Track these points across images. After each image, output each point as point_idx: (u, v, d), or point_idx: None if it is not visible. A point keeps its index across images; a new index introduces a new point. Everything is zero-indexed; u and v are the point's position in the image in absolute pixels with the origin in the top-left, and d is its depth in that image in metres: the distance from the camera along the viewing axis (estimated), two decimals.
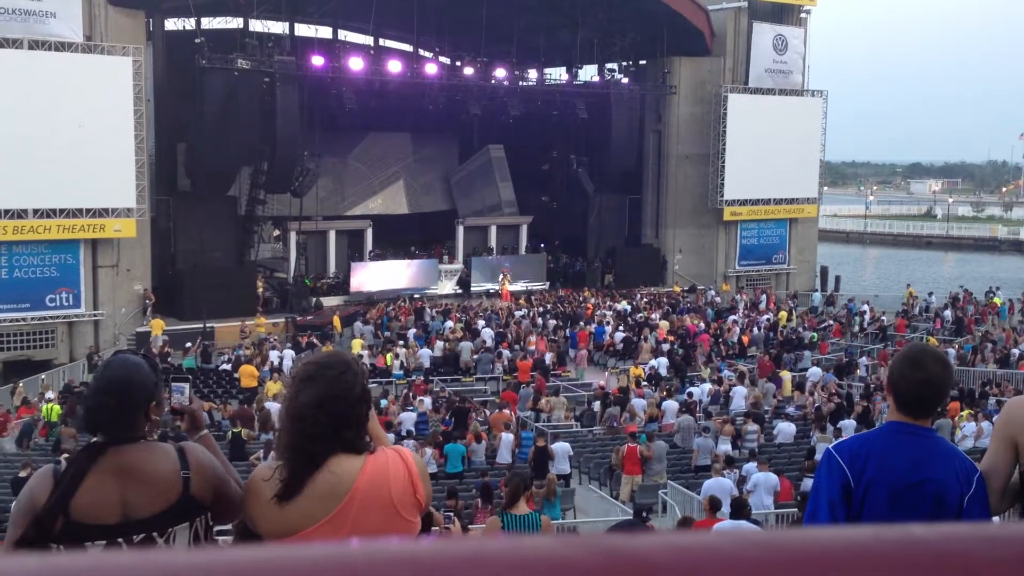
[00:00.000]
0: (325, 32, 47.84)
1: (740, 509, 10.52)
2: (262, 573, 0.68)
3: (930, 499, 3.22)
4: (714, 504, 11.83)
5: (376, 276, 42.77)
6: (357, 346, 31.34)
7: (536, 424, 22.61)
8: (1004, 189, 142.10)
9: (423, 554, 0.70)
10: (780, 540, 0.74)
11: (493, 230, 47.97)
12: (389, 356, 30.22)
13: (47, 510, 2.76)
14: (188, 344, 32.04)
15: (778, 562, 0.71)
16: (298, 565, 0.67)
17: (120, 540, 2.80)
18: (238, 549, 0.72)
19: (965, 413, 20.50)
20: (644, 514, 11.15)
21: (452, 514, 5.41)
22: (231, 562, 0.68)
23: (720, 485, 14.50)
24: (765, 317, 38.43)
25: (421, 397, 24.71)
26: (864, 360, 31.01)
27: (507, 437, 19.90)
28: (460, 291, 44.85)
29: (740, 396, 24.78)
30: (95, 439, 2.91)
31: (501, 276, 43.90)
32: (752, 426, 20.65)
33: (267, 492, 2.74)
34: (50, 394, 25.27)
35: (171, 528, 2.87)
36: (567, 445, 19.28)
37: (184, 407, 3.30)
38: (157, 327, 33.48)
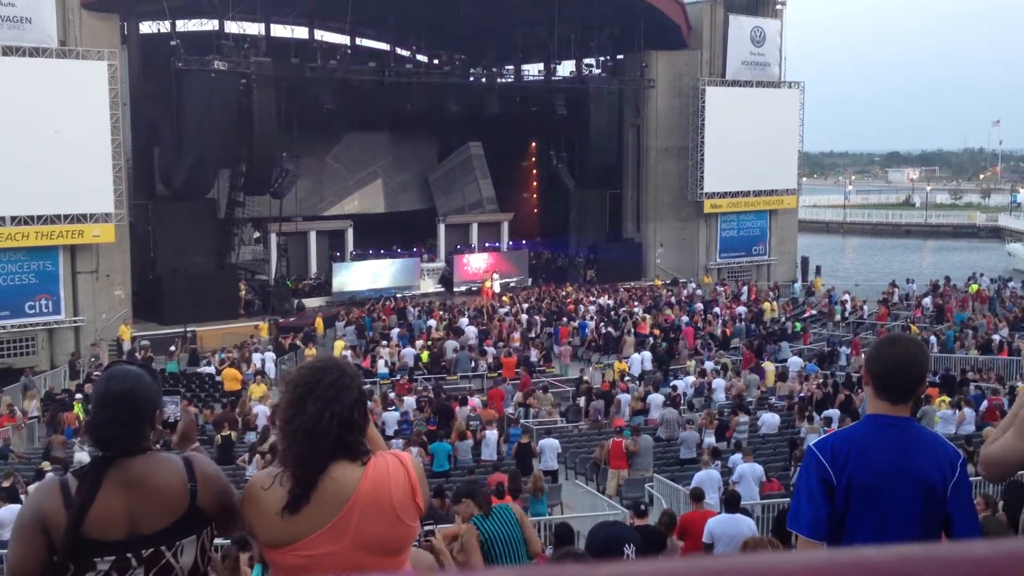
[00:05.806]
0: (301, 32, 47.60)
1: (734, 503, 10.50)
2: None
3: (914, 490, 3.20)
4: (696, 495, 11.97)
5: (358, 276, 42.64)
6: (339, 347, 31.19)
7: (522, 421, 22.59)
8: (981, 176, 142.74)
9: None
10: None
11: (474, 227, 47.92)
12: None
13: (68, 530, 2.72)
14: (172, 348, 31.88)
15: None
16: None
17: (129, 555, 2.77)
18: None
19: (946, 400, 20.58)
20: (642, 507, 11.22)
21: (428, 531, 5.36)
22: None
23: (709, 477, 14.71)
24: (741, 309, 38.53)
25: (404, 397, 24.66)
26: (845, 349, 31.16)
27: (491, 435, 19.88)
28: (442, 288, 44.82)
29: (720, 389, 25.01)
30: (102, 453, 2.89)
31: (488, 277, 43.72)
32: (743, 417, 20.77)
33: (268, 501, 2.72)
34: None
35: (179, 541, 2.85)
36: (555, 442, 19.29)
37: (181, 423, 3.28)
38: (125, 333, 33.27)
